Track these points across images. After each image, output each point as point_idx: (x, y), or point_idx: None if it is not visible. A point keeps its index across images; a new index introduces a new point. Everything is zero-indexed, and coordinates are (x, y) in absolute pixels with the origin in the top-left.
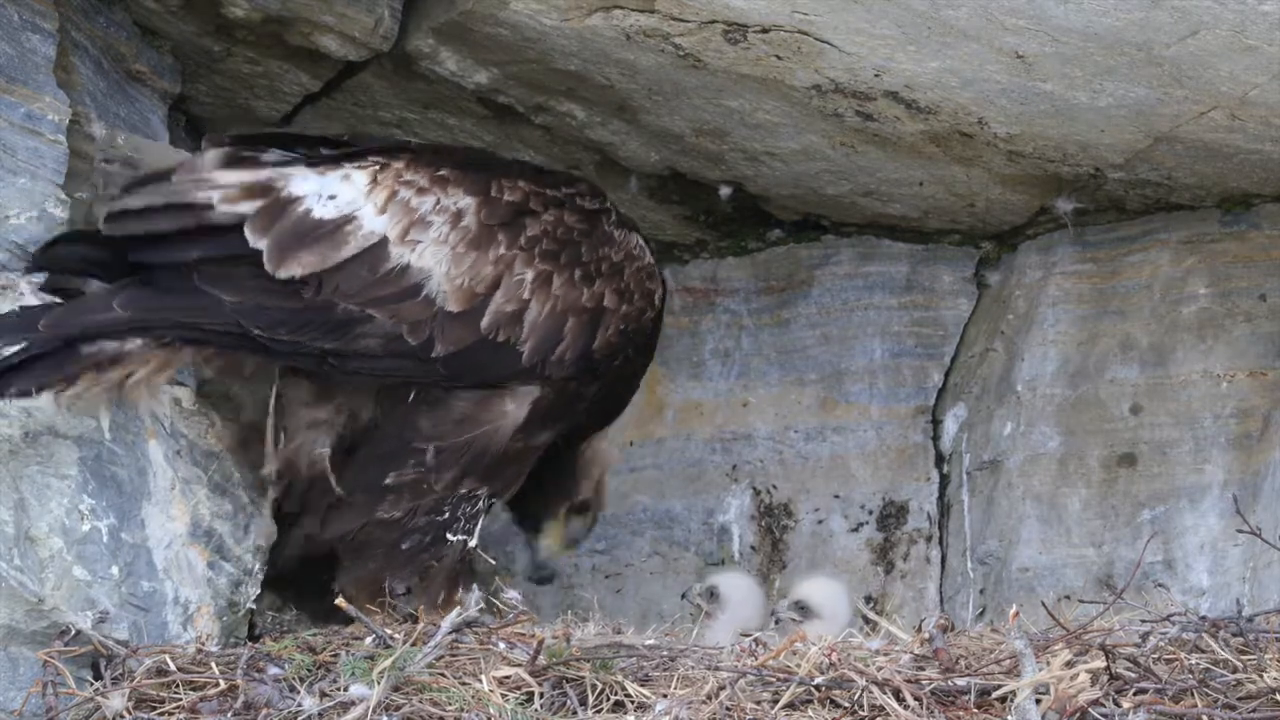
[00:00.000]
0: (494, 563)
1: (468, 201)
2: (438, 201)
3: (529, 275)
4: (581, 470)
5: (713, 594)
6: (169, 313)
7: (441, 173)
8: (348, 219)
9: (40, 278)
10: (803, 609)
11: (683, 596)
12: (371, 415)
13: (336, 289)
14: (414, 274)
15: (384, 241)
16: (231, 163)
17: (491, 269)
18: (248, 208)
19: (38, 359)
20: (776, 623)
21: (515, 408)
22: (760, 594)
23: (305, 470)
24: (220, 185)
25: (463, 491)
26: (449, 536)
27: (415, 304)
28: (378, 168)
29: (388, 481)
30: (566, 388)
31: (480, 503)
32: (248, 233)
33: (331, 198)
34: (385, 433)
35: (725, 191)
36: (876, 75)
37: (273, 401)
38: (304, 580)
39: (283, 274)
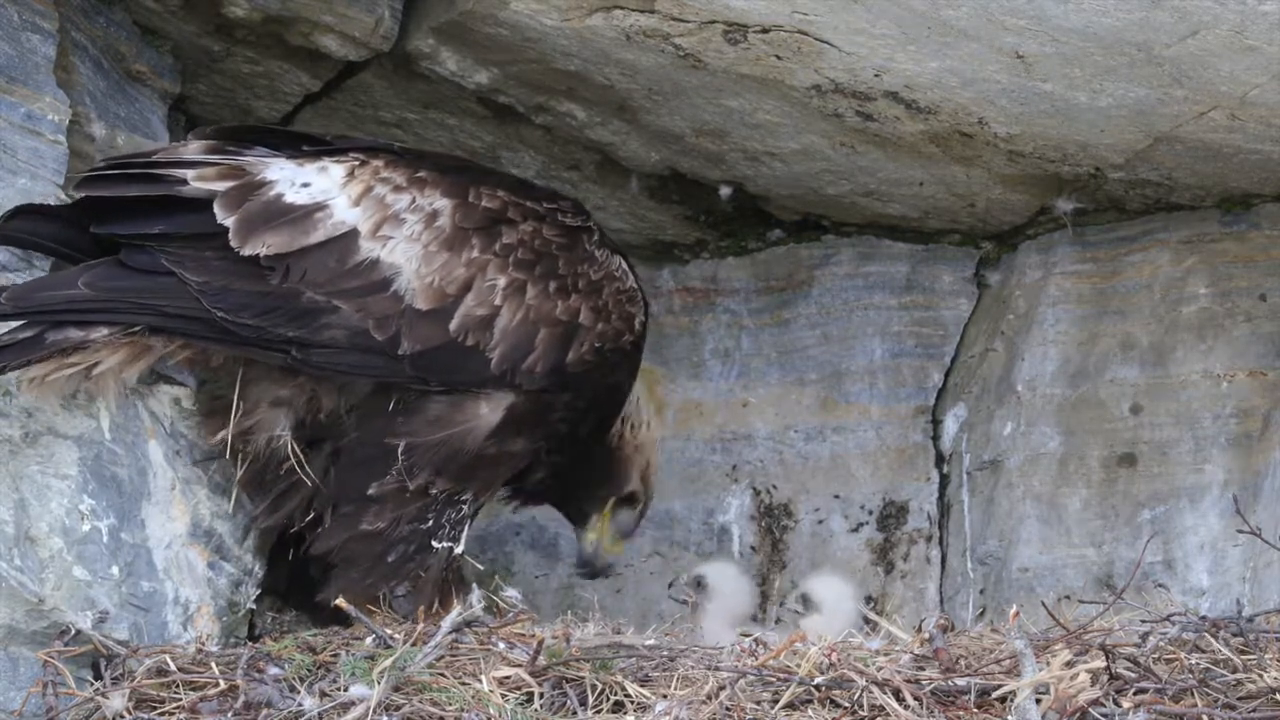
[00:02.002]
0: (481, 569)
1: (444, 203)
2: (413, 200)
3: (501, 282)
4: (625, 461)
5: (700, 584)
6: (134, 295)
7: (420, 174)
8: (319, 206)
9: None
10: (805, 601)
11: (669, 586)
12: (334, 405)
13: (304, 276)
14: (383, 268)
15: (354, 233)
16: (212, 151)
17: (464, 271)
18: (220, 186)
19: (6, 347)
20: (778, 620)
21: (489, 412)
22: (748, 582)
23: (263, 447)
24: (196, 164)
25: (438, 493)
26: (434, 544)
27: (383, 299)
28: (356, 163)
29: (371, 492)
30: (540, 399)
31: (465, 508)
32: (217, 209)
33: (305, 185)
34: (365, 439)
35: (725, 191)
36: (876, 75)
37: (240, 374)
38: (296, 583)
39: (247, 251)
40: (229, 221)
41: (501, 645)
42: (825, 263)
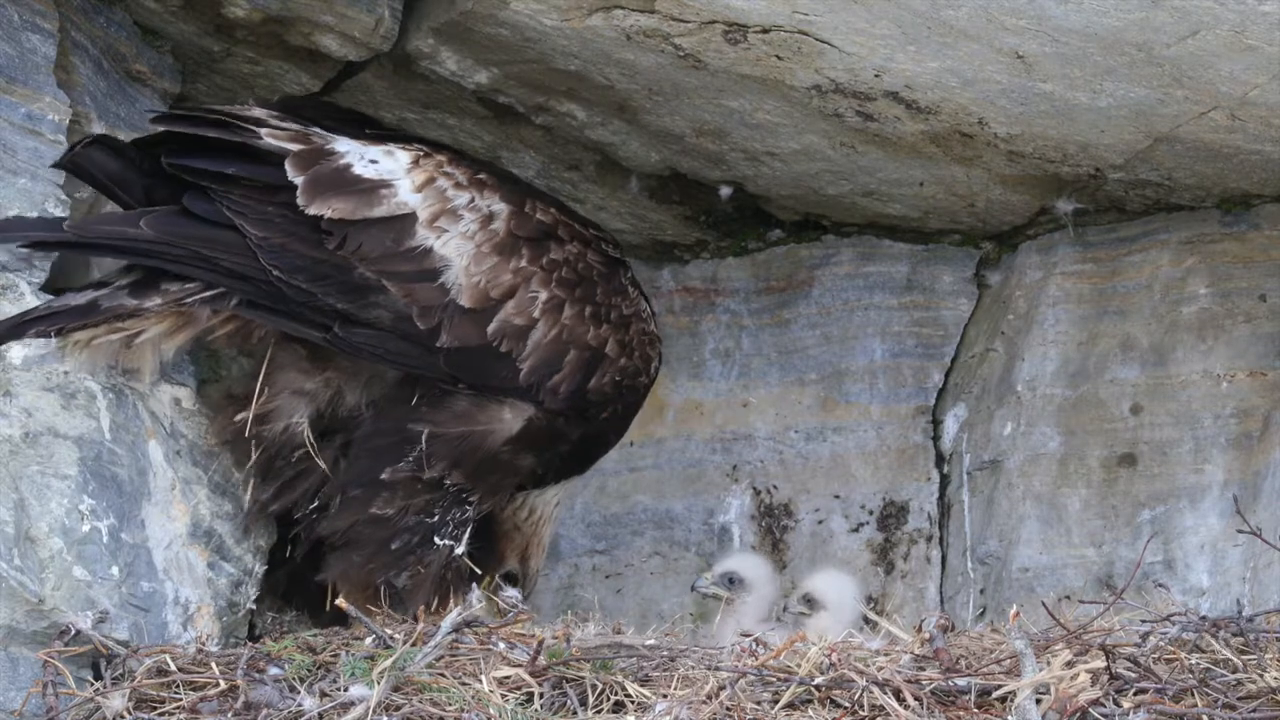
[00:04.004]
0: (479, 572)
1: (501, 208)
2: (472, 200)
3: (543, 296)
4: (504, 539)
5: (733, 580)
6: (193, 242)
7: (481, 176)
8: (385, 183)
9: (40, 277)
10: (809, 601)
11: (692, 589)
12: (356, 400)
13: (359, 249)
14: (435, 259)
15: (413, 217)
16: (277, 119)
17: (510, 278)
18: (293, 146)
19: (60, 311)
20: (779, 618)
21: (512, 418)
22: (772, 571)
23: (278, 434)
24: (268, 125)
25: (450, 486)
26: (436, 540)
27: (430, 288)
28: (421, 153)
29: (384, 476)
30: (555, 421)
31: (470, 510)
32: (288, 166)
33: (373, 161)
34: (384, 427)
35: (725, 191)
36: (876, 75)
37: (266, 359)
38: (295, 587)
39: (313, 210)
40: (299, 180)
41: (501, 645)
42: (825, 263)
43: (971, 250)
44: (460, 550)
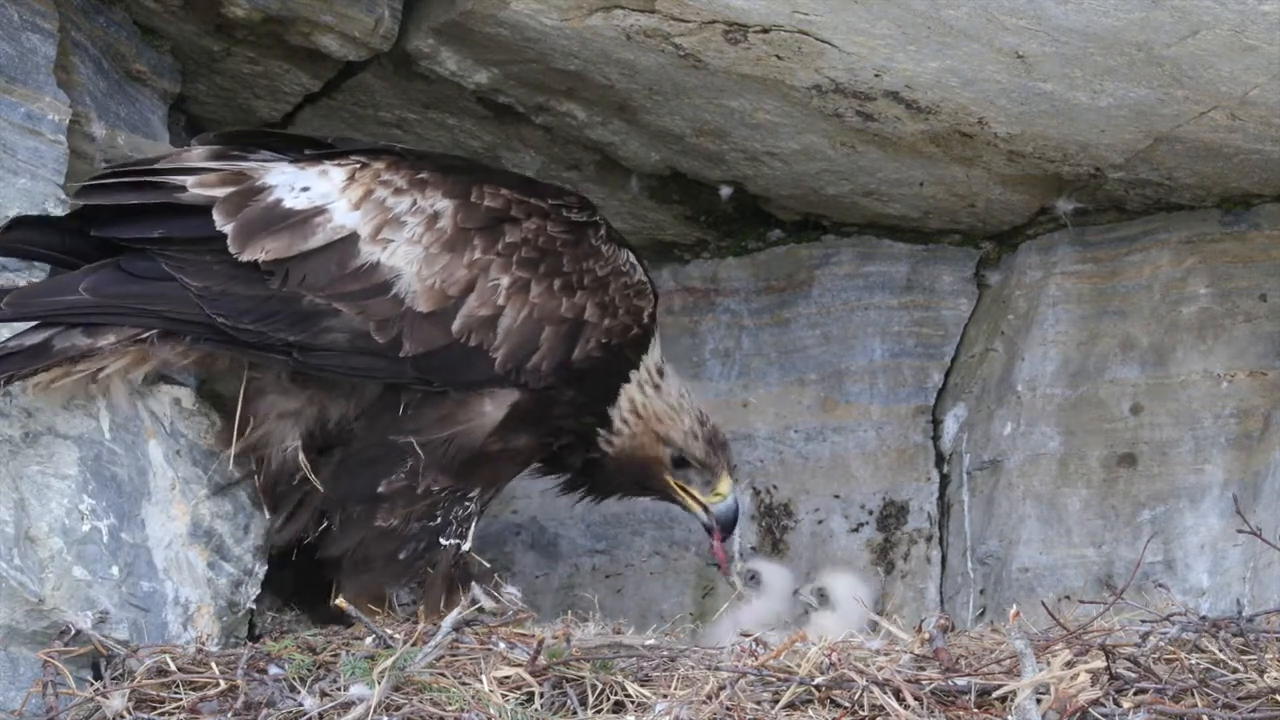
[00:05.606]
0: (488, 565)
1: (445, 204)
2: (414, 203)
3: (504, 281)
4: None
5: (753, 578)
6: (135, 300)
7: (421, 175)
8: (318, 210)
9: (41, 278)
10: (822, 597)
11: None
12: (342, 413)
13: (304, 280)
14: (384, 271)
15: (354, 237)
16: (216, 157)
17: (465, 272)
18: (219, 192)
19: (13, 354)
20: (805, 610)
21: (493, 409)
22: (790, 584)
23: (275, 462)
24: (197, 171)
25: (441, 491)
26: (442, 541)
27: (383, 301)
28: (357, 166)
29: (381, 490)
30: (545, 394)
31: (472, 505)
32: (215, 215)
33: (305, 190)
34: (372, 439)
35: (725, 191)
36: (876, 75)
37: (243, 387)
38: (302, 582)
39: (246, 257)
40: (227, 228)
41: (501, 645)
42: (825, 263)
43: (971, 250)
44: (466, 546)
